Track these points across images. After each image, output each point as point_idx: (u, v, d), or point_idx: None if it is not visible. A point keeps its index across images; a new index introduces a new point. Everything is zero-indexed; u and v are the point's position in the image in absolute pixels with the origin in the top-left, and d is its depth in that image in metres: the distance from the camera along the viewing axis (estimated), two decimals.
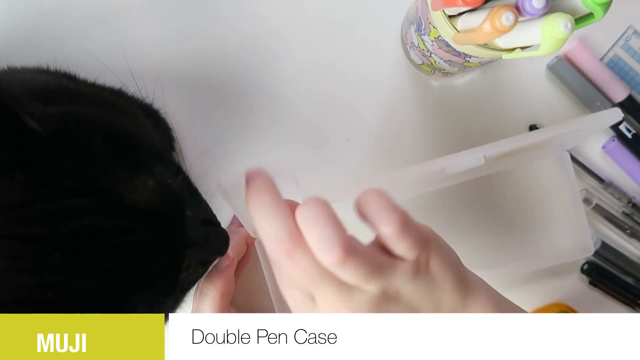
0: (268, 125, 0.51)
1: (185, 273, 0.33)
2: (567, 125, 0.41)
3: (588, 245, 0.49)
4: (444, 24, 0.37)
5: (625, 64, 0.52)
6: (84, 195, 0.28)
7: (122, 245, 0.28)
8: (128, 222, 0.29)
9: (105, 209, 0.28)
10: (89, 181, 0.28)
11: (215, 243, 0.35)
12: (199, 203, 0.36)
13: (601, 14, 0.32)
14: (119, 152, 0.30)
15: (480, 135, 0.52)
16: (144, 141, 0.34)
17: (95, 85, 0.44)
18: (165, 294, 0.32)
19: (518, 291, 0.51)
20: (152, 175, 0.31)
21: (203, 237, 0.34)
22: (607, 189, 0.52)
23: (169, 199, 0.31)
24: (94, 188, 0.28)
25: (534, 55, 0.34)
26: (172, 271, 0.32)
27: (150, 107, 0.48)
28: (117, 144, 0.31)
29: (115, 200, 0.29)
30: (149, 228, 0.30)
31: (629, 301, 0.52)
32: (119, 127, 0.33)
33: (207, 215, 0.36)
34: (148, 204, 0.30)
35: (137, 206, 0.29)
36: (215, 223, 0.37)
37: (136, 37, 0.50)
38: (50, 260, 0.26)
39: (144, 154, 0.32)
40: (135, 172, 0.30)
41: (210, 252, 0.35)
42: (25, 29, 0.50)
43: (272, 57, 0.51)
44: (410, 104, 0.51)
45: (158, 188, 0.31)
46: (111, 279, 0.28)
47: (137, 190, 0.30)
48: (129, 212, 0.29)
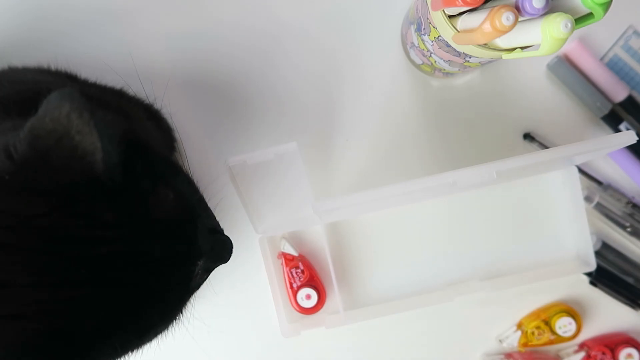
0: (268, 125, 0.51)
1: (193, 282, 0.34)
2: (582, 145, 0.41)
3: (590, 260, 0.50)
4: (444, 24, 0.37)
5: (625, 64, 0.52)
6: (118, 225, 0.27)
7: (142, 262, 0.28)
8: (151, 239, 0.29)
9: (134, 234, 0.28)
10: (128, 204, 0.28)
11: (220, 251, 0.36)
12: (205, 211, 0.36)
13: (601, 14, 0.32)
14: (141, 163, 0.30)
15: (480, 135, 0.52)
16: (159, 151, 0.34)
17: (96, 85, 0.44)
18: (178, 304, 0.33)
19: (518, 291, 0.51)
20: (171, 187, 0.31)
21: (209, 245, 0.34)
22: (606, 191, 0.52)
23: (185, 211, 0.31)
24: (129, 211, 0.28)
25: (534, 55, 0.34)
26: (185, 282, 0.32)
27: (152, 108, 0.48)
28: (138, 155, 0.30)
29: (144, 220, 0.28)
30: (168, 242, 0.30)
31: (629, 301, 0.52)
32: (138, 138, 0.33)
33: (213, 224, 0.36)
34: (168, 216, 0.30)
35: (158, 219, 0.29)
36: (220, 231, 0.37)
37: (137, 37, 0.50)
38: (77, 275, 0.26)
39: (163, 165, 0.32)
40: (156, 185, 0.30)
41: (214, 260, 0.36)
42: (26, 30, 0.50)
43: (272, 58, 0.51)
44: (410, 104, 0.52)
45: (177, 200, 0.31)
46: (129, 293, 0.28)
47: (159, 204, 0.29)
48: (153, 229, 0.29)
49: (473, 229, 0.51)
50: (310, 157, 0.51)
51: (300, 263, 0.50)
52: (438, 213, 0.51)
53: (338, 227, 0.51)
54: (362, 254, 0.51)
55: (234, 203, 0.46)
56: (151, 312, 0.30)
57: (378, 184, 0.47)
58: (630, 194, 0.53)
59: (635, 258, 0.53)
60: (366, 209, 0.50)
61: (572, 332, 0.51)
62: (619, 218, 0.52)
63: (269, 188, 0.47)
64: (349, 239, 0.51)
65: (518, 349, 0.52)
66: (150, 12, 0.50)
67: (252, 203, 0.46)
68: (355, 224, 0.51)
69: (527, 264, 0.51)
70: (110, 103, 0.39)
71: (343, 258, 0.51)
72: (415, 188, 0.41)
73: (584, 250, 0.50)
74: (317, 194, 0.51)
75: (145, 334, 0.31)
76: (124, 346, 0.30)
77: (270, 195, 0.47)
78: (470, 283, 0.50)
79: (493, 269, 0.51)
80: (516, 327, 0.52)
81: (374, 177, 0.51)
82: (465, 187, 0.48)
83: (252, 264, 0.51)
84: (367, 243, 0.51)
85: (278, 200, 0.48)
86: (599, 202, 0.52)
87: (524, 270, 0.51)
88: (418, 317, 0.51)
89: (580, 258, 0.51)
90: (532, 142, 0.51)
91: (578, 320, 0.51)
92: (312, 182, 0.50)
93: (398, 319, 0.50)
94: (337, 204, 0.42)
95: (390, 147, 0.52)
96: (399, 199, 0.48)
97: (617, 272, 0.53)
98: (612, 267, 0.53)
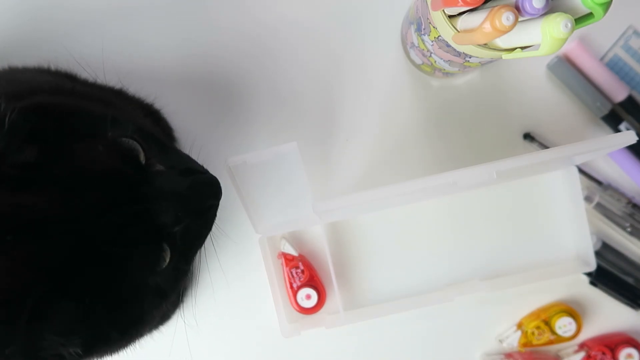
0: (268, 125, 0.51)
1: (178, 227, 0.32)
2: (582, 145, 0.41)
3: (590, 260, 0.50)
4: (444, 24, 0.37)
5: (625, 64, 0.52)
6: (41, 191, 0.27)
7: (84, 214, 0.28)
8: (85, 191, 0.28)
9: (63, 195, 0.28)
10: (48, 170, 0.28)
11: (200, 188, 0.34)
12: (175, 156, 0.35)
13: (601, 14, 0.32)
14: (75, 129, 0.30)
15: (480, 135, 0.52)
16: (100, 112, 0.33)
17: (95, 85, 0.44)
18: (154, 250, 0.31)
19: (518, 291, 0.51)
20: (104, 139, 0.30)
21: (184, 185, 0.32)
22: (606, 191, 0.52)
23: (123, 156, 0.31)
24: (53, 176, 0.28)
25: (534, 55, 0.34)
26: (148, 224, 0.31)
27: (151, 107, 0.48)
28: (73, 122, 0.30)
29: (74, 178, 0.28)
30: (107, 188, 0.29)
31: (629, 301, 0.52)
32: (72, 107, 0.33)
33: (187, 165, 0.35)
34: (102, 167, 0.29)
35: (93, 172, 0.29)
36: (200, 170, 0.35)
37: (138, 37, 0.50)
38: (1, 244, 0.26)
39: (99, 124, 0.32)
40: (90, 142, 0.30)
41: (197, 199, 0.33)
42: (26, 30, 0.50)
43: (272, 57, 0.51)
44: (410, 104, 0.52)
45: (108, 149, 0.30)
46: (81, 247, 0.28)
47: (91, 157, 0.29)
48: (86, 181, 0.28)
49: (473, 229, 0.51)
50: (310, 157, 0.51)
51: (300, 263, 0.50)
52: (438, 213, 0.51)
53: (338, 227, 0.51)
54: (362, 254, 0.51)
55: (234, 203, 0.46)
56: (131, 264, 0.29)
57: (378, 184, 0.47)
58: (630, 194, 0.53)
59: (635, 258, 0.53)
60: (366, 209, 0.50)
61: (572, 332, 0.51)
62: (619, 218, 0.52)
63: (269, 188, 0.47)
64: (349, 239, 0.51)
65: (518, 349, 0.52)
66: (150, 12, 0.50)
67: (252, 203, 0.46)
68: (355, 224, 0.51)
69: (527, 264, 0.51)
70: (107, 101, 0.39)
71: (343, 258, 0.51)
72: (415, 188, 0.41)
73: (584, 250, 0.50)
74: (317, 194, 0.51)
75: (125, 302, 0.30)
76: (107, 335, 0.30)
77: (270, 195, 0.47)
78: (470, 283, 0.50)
79: (493, 269, 0.51)
80: (516, 327, 0.52)
81: (374, 177, 0.51)
82: (465, 187, 0.48)
83: (252, 264, 0.51)
84: (367, 243, 0.51)
85: (278, 200, 0.48)
86: (599, 202, 0.52)
87: (524, 270, 0.51)
88: (418, 317, 0.51)
89: (580, 258, 0.51)
90: (532, 142, 0.51)
91: (578, 320, 0.51)
92: (312, 182, 0.50)
93: (398, 319, 0.51)
94: (337, 204, 0.42)
95: (390, 147, 0.52)
96: (399, 199, 0.48)
97: (617, 272, 0.53)
98: (612, 267, 0.53)
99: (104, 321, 0.30)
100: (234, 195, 0.44)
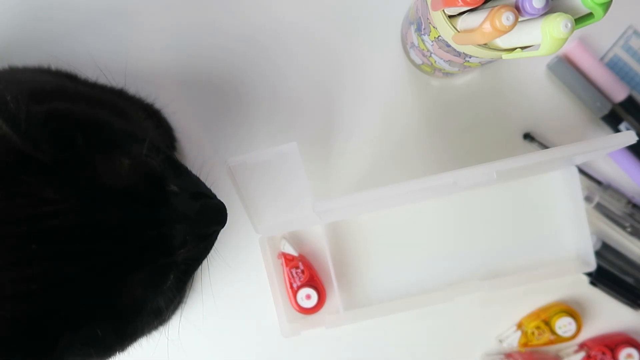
0: (268, 125, 0.51)
1: (183, 250, 0.32)
2: (582, 145, 0.41)
3: (590, 260, 0.50)
4: (444, 24, 0.37)
5: (625, 64, 0.52)
6: (63, 199, 0.27)
7: (103, 228, 0.28)
8: (107, 205, 0.28)
9: (85, 205, 0.28)
10: (69, 176, 0.28)
11: (209, 214, 0.34)
12: (187, 178, 0.35)
13: (601, 14, 0.32)
14: (96, 140, 0.30)
15: (480, 135, 0.52)
16: (118, 125, 0.33)
17: (95, 85, 0.44)
18: (162, 273, 0.31)
19: (518, 291, 0.52)
20: (128, 155, 0.30)
21: (194, 210, 0.33)
22: (606, 191, 0.52)
23: (146, 175, 0.31)
24: (74, 183, 0.28)
25: (534, 55, 0.34)
26: (163, 247, 0.31)
27: (152, 107, 0.48)
28: (93, 132, 0.30)
29: (96, 190, 0.28)
30: (129, 207, 0.29)
31: (629, 301, 0.52)
32: (93, 117, 0.33)
33: (197, 188, 0.35)
34: (125, 183, 0.29)
35: (115, 187, 0.29)
36: (209, 195, 0.35)
37: (137, 37, 0.50)
38: (28, 252, 0.26)
39: (119, 137, 0.32)
40: (111, 155, 0.30)
41: (205, 224, 0.34)
42: (26, 30, 0.50)
43: (272, 57, 0.51)
44: (410, 104, 0.52)
45: (134, 166, 0.30)
46: (97, 262, 0.28)
47: (114, 171, 0.29)
48: (108, 195, 0.28)
49: (473, 228, 0.51)
50: (310, 157, 0.51)
51: (300, 263, 0.50)
52: (438, 213, 0.51)
53: (338, 227, 0.51)
54: (362, 254, 0.51)
55: (234, 203, 0.46)
56: (131, 282, 0.29)
57: (378, 184, 0.47)
58: (630, 194, 0.53)
59: (635, 258, 0.53)
60: (366, 209, 0.50)
61: (572, 332, 0.51)
62: (619, 218, 0.52)
63: (269, 188, 0.47)
64: (349, 239, 0.51)
65: (518, 349, 0.52)
66: (151, 12, 0.50)
67: (252, 203, 0.47)
68: (355, 224, 0.51)
69: (527, 264, 0.51)
70: (107, 101, 0.39)
71: (343, 258, 0.51)
72: (416, 188, 0.41)
73: (584, 250, 0.50)
74: (317, 194, 0.51)
75: (126, 318, 0.30)
76: (104, 342, 0.29)
77: (270, 195, 0.47)
78: (470, 283, 0.50)
79: (493, 269, 0.51)
80: (516, 327, 0.52)
81: (374, 177, 0.51)
82: (466, 187, 0.48)
83: (252, 264, 0.51)
84: (367, 243, 0.51)
85: (278, 200, 0.48)
86: (599, 202, 0.52)
87: (524, 270, 0.51)
88: (418, 317, 0.51)
89: (580, 258, 0.51)
90: (532, 142, 0.51)
91: (578, 320, 0.51)
92: (312, 182, 0.50)
93: (398, 318, 0.51)
94: (337, 203, 0.42)
95: (390, 147, 0.52)
96: (399, 199, 0.48)
97: (617, 272, 0.53)
98: (612, 267, 0.53)
99: (109, 340, 0.30)
100: (234, 195, 0.44)
